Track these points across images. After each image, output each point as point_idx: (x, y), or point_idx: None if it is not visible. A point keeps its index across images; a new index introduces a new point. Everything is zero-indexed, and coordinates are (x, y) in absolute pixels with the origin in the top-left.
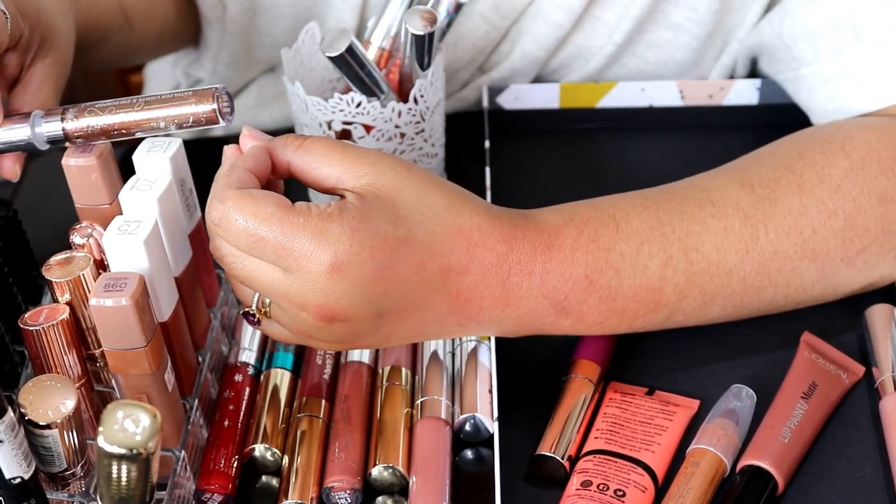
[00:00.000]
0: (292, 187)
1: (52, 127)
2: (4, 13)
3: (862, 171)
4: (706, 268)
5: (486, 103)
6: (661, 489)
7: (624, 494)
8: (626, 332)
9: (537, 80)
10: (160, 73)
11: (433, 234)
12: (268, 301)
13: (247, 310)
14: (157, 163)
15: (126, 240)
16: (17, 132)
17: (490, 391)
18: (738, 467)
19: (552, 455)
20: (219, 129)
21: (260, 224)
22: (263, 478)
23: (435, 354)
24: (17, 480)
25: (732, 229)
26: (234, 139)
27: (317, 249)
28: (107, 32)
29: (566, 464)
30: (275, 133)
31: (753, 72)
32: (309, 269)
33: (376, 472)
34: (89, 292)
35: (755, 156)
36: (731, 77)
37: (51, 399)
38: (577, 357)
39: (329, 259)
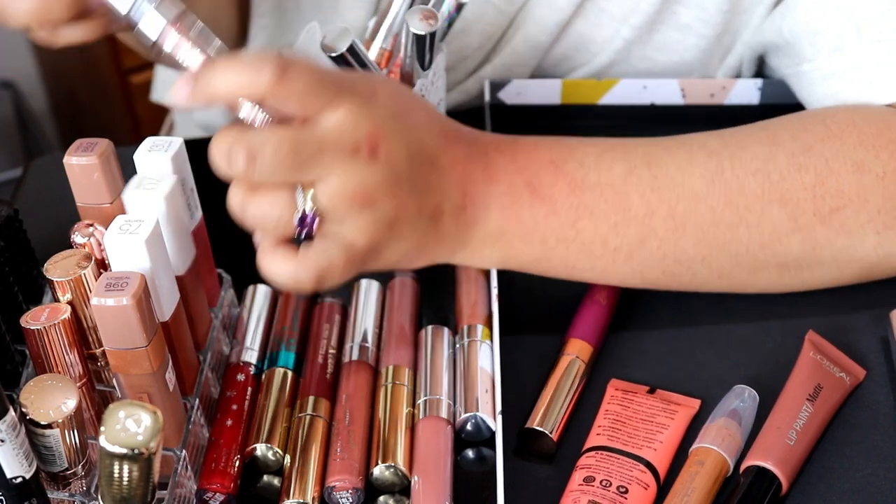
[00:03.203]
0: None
1: (155, 19)
2: None
3: (839, 139)
4: (671, 185)
5: (487, 98)
6: (663, 487)
7: (626, 491)
8: (604, 258)
9: (543, 73)
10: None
11: (430, 107)
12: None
13: (301, 211)
14: (159, 162)
15: (127, 239)
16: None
17: (492, 390)
18: (742, 468)
19: (540, 429)
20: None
21: (322, 67)
22: (265, 477)
23: (436, 353)
24: (19, 480)
25: (697, 159)
26: None
27: (369, 80)
28: None
29: (554, 437)
30: None
31: (758, 74)
32: (361, 94)
33: (378, 471)
34: (90, 292)
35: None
36: (737, 77)
37: (52, 398)
38: (568, 336)
39: (375, 86)
